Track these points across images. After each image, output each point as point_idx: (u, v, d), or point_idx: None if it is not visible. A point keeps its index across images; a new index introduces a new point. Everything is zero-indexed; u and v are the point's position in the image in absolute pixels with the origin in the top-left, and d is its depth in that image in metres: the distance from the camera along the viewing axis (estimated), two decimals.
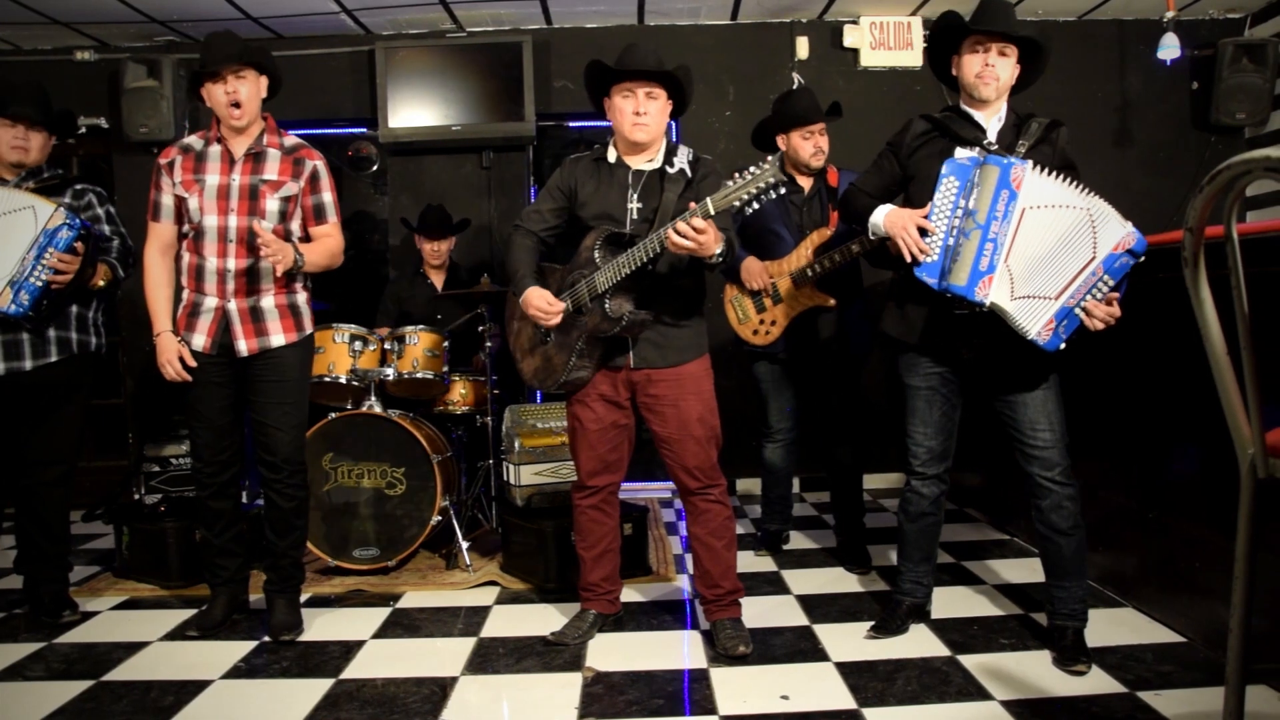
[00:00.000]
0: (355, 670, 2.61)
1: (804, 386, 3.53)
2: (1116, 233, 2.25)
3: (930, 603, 2.83)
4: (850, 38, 4.91)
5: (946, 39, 2.54)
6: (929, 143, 2.56)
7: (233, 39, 2.76)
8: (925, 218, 2.42)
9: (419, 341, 3.74)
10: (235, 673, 2.60)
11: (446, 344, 3.83)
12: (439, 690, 2.45)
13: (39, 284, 2.81)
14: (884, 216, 2.53)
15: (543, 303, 2.58)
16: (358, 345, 3.65)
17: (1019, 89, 2.54)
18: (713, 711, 2.28)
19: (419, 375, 3.71)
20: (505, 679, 2.53)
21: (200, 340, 2.79)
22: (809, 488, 4.94)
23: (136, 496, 3.83)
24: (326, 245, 2.90)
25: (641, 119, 2.58)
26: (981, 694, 2.32)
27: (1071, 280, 2.27)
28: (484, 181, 5.06)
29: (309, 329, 2.93)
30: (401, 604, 3.20)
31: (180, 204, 2.79)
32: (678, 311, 2.65)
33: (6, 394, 2.92)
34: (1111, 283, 2.27)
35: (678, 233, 2.37)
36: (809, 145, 3.31)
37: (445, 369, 3.80)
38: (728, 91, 4.96)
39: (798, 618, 2.95)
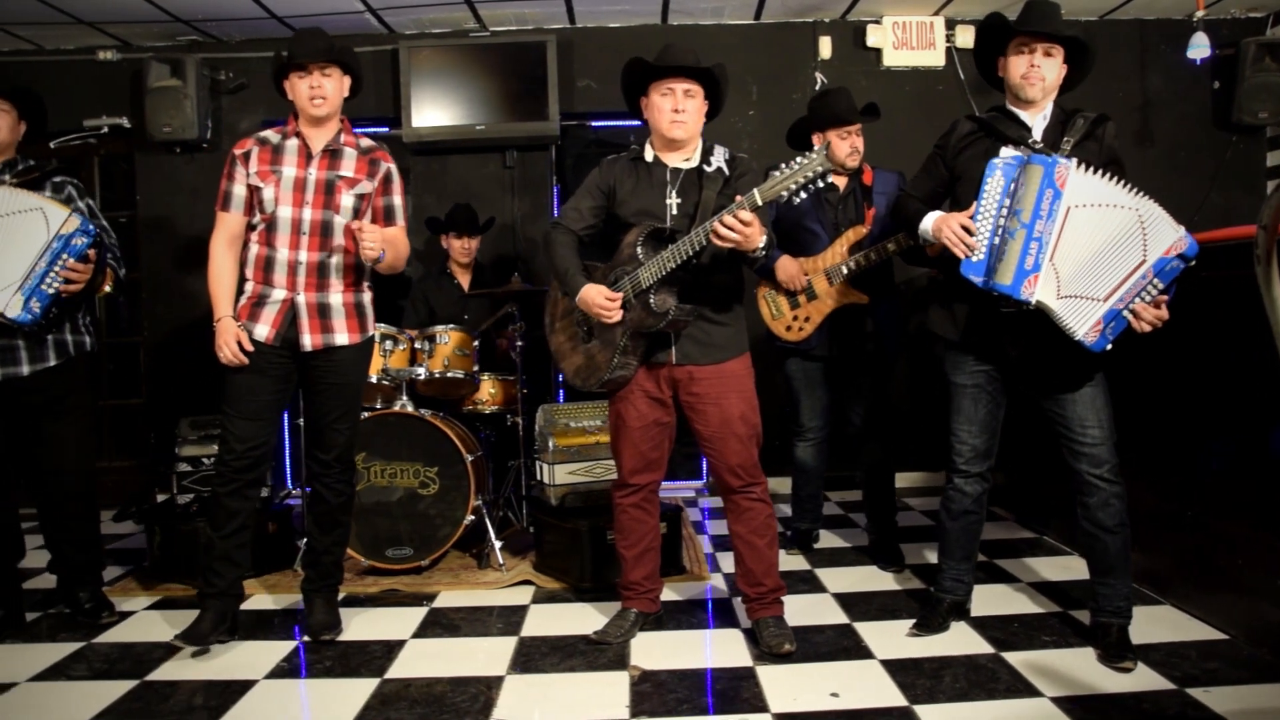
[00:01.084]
0: (399, 670, 2.61)
1: (836, 384, 3.53)
2: (1168, 236, 2.24)
3: (970, 600, 2.83)
4: (873, 37, 4.92)
5: (992, 40, 2.54)
6: (974, 143, 2.56)
7: (322, 35, 2.77)
8: (970, 218, 2.43)
9: (449, 340, 3.73)
10: (279, 672, 2.61)
11: (476, 343, 3.83)
12: (486, 689, 2.45)
13: (51, 292, 2.74)
14: (931, 223, 2.56)
15: (601, 299, 2.57)
16: (388, 344, 3.65)
17: (1066, 89, 2.54)
18: (764, 709, 2.28)
19: (450, 374, 3.71)
20: (551, 678, 2.53)
21: (264, 330, 2.76)
22: (833, 486, 4.93)
23: (163, 497, 3.82)
24: (398, 247, 2.90)
25: (680, 116, 2.59)
26: (1030, 690, 2.33)
27: (1121, 282, 2.27)
28: (507, 181, 5.06)
29: (371, 330, 2.94)
30: (437, 603, 3.20)
31: (253, 194, 2.79)
32: (719, 308, 2.65)
33: (5, 399, 2.86)
34: (1161, 285, 2.26)
35: (724, 225, 2.38)
36: (845, 145, 3.31)
37: (475, 368, 3.81)
38: (751, 91, 4.96)
39: (837, 616, 2.95)
